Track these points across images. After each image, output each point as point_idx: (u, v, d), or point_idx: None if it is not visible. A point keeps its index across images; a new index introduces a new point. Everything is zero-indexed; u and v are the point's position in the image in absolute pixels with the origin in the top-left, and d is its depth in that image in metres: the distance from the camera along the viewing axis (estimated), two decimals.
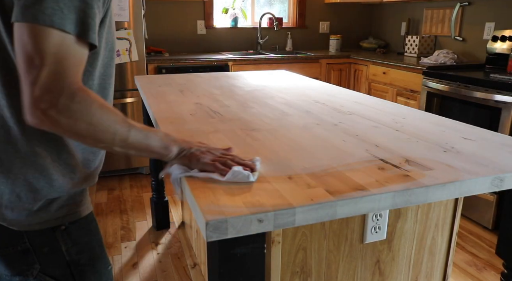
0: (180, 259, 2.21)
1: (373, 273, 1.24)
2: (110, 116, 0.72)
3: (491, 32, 3.11)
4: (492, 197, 2.44)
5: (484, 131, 1.20)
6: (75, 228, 0.84)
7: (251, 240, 0.73)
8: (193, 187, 0.79)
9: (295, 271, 1.13)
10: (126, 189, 3.09)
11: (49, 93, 0.65)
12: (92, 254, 0.89)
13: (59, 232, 0.82)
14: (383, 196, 0.77)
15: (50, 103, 0.65)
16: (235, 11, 4.11)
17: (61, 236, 0.83)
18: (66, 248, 0.83)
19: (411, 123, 1.29)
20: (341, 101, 1.63)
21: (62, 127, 0.68)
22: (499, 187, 0.88)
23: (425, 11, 3.76)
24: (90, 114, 0.69)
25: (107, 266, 0.94)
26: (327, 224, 1.13)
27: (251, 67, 3.55)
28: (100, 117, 0.70)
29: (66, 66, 0.67)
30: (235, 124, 1.26)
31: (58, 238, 0.82)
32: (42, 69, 0.65)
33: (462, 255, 2.24)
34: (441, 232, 1.30)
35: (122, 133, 0.74)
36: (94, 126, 0.70)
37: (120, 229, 2.51)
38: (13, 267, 0.81)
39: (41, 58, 0.65)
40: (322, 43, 4.44)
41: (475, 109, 2.54)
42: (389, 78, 3.40)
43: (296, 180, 0.82)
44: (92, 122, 0.70)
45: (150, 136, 0.78)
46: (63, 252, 0.83)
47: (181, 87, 1.91)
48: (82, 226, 0.86)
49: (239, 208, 0.70)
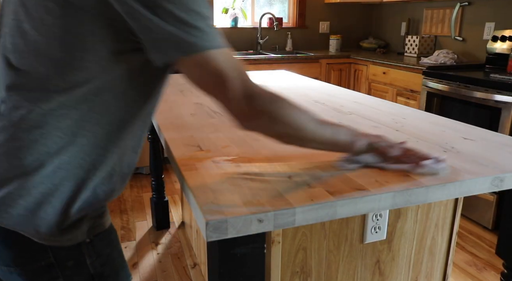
0: (180, 259, 2.21)
1: (373, 273, 1.24)
2: (303, 112, 0.79)
3: (491, 32, 3.11)
4: (492, 197, 2.44)
5: (484, 131, 1.20)
6: (99, 240, 0.82)
7: (251, 240, 0.73)
8: (193, 187, 0.79)
9: (295, 271, 1.13)
10: (126, 189, 3.09)
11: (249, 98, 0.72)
12: (115, 265, 0.87)
13: (85, 245, 0.80)
14: (383, 196, 0.77)
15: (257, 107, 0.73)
16: (235, 11, 4.11)
17: (87, 249, 0.80)
18: (90, 261, 0.81)
19: (411, 123, 1.29)
20: (341, 101, 1.63)
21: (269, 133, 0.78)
22: (499, 187, 0.88)
23: (425, 11, 3.76)
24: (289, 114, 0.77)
25: (128, 277, 0.92)
26: (327, 224, 1.13)
27: (251, 67, 3.55)
28: (298, 115, 0.78)
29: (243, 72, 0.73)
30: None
31: (84, 251, 0.80)
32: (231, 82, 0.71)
33: (462, 255, 2.24)
34: (441, 232, 1.30)
35: (317, 129, 0.82)
36: (297, 125, 0.78)
37: (120, 229, 2.51)
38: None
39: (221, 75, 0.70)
40: (322, 43, 4.44)
41: (475, 109, 2.54)
42: (389, 78, 3.41)
43: (296, 180, 0.82)
44: (294, 122, 0.77)
45: (338, 131, 0.86)
46: (88, 265, 0.81)
47: (181, 87, 1.91)
48: (105, 237, 0.84)
49: (239, 208, 0.70)
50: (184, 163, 0.92)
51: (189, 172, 0.87)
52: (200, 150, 1.01)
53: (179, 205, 2.84)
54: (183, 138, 1.11)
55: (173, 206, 2.82)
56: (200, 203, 0.72)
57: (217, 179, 0.83)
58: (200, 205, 0.71)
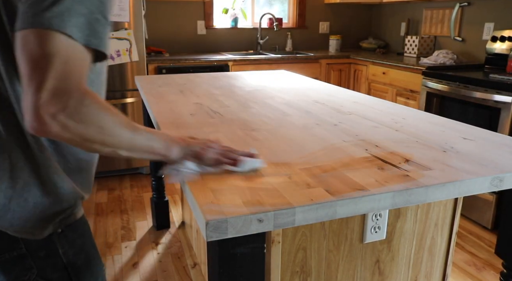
0: (180, 259, 2.21)
1: (373, 272, 1.24)
2: (116, 118, 0.71)
3: (491, 32, 3.12)
4: (491, 197, 2.45)
5: (484, 131, 1.21)
6: (71, 231, 0.84)
7: (251, 240, 0.74)
8: (193, 187, 0.79)
9: (295, 270, 1.13)
10: (127, 189, 3.09)
11: (58, 96, 0.63)
12: (88, 255, 0.88)
13: (56, 235, 0.81)
14: (383, 196, 0.77)
15: (60, 106, 0.63)
16: (235, 11, 4.12)
17: (58, 239, 0.82)
18: (63, 251, 0.83)
19: (410, 123, 1.29)
20: (341, 101, 1.63)
21: (71, 132, 0.65)
22: (499, 187, 0.88)
23: (425, 12, 3.76)
24: (99, 118, 0.67)
25: (102, 266, 0.94)
26: (327, 224, 1.13)
27: (251, 67, 3.55)
28: (108, 120, 0.69)
29: (73, 68, 0.65)
30: (235, 124, 1.26)
31: (55, 241, 0.82)
32: (48, 71, 0.62)
33: (462, 255, 2.25)
34: (440, 232, 1.30)
35: (128, 136, 0.73)
36: (103, 130, 0.68)
37: (120, 229, 2.52)
38: (9, 273, 0.80)
39: (47, 61, 0.62)
40: (322, 43, 4.44)
41: (474, 109, 2.54)
42: (388, 78, 3.41)
43: (296, 180, 0.83)
44: (101, 126, 0.68)
45: (153, 138, 0.78)
46: (61, 255, 0.83)
47: (181, 87, 1.92)
48: (77, 228, 0.86)
49: (239, 208, 0.70)
50: None
51: None
52: None
53: (179, 205, 2.84)
54: (179, 136, 1.11)
55: (173, 206, 2.82)
56: (200, 203, 0.72)
57: (217, 179, 0.83)
58: (200, 205, 0.72)
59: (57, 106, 0.62)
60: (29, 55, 0.63)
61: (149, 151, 0.78)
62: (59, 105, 0.63)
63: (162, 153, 0.80)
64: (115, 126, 0.71)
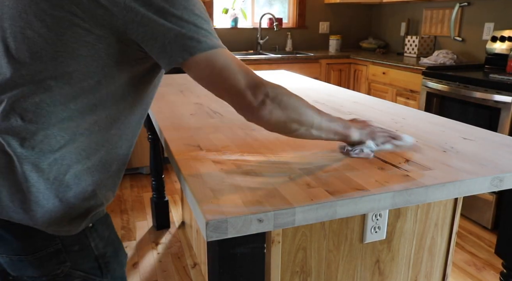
0: (180, 259, 2.21)
1: (373, 272, 1.24)
2: (303, 101, 0.83)
3: (491, 32, 3.12)
4: (491, 197, 2.45)
5: (484, 131, 1.21)
6: (100, 224, 0.88)
7: (251, 240, 0.74)
8: (193, 187, 0.79)
9: (295, 270, 1.13)
10: (126, 189, 3.09)
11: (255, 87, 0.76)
12: (114, 246, 0.92)
13: (88, 229, 0.85)
14: (383, 196, 0.77)
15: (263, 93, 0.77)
16: (235, 11, 4.12)
17: (90, 233, 0.85)
18: (94, 243, 0.86)
19: (410, 123, 1.29)
20: (341, 101, 1.64)
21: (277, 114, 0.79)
22: (499, 187, 0.88)
23: (425, 12, 3.76)
24: (291, 100, 0.81)
25: (125, 256, 0.98)
26: (327, 224, 1.13)
27: (251, 67, 3.53)
28: (299, 102, 0.82)
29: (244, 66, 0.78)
30: (235, 124, 1.26)
31: (88, 235, 0.85)
32: (236, 75, 0.76)
33: (462, 255, 2.25)
34: (440, 232, 1.30)
35: (316, 116, 0.86)
36: (299, 110, 0.82)
37: (120, 229, 2.52)
38: (43, 269, 0.82)
39: (228, 69, 0.75)
40: (322, 43, 4.44)
41: (474, 109, 2.54)
42: (388, 78, 3.41)
43: (296, 180, 0.83)
44: (296, 106, 0.81)
45: (334, 119, 0.91)
46: (92, 248, 0.86)
47: (181, 87, 1.92)
48: (104, 221, 0.90)
49: (239, 208, 0.70)
50: (184, 163, 0.92)
51: (189, 172, 0.87)
52: (200, 150, 1.02)
53: (179, 205, 2.84)
54: (183, 138, 1.12)
55: (173, 206, 2.82)
56: (200, 203, 0.72)
57: (217, 179, 0.83)
58: (200, 205, 0.72)
59: (262, 94, 0.77)
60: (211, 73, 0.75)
61: (333, 131, 0.90)
62: (262, 93, 0.77)
63: (344, 133, 0.92)
64: (306, 108, 0.84)
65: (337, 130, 0.91)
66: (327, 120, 0.89)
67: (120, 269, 0.94)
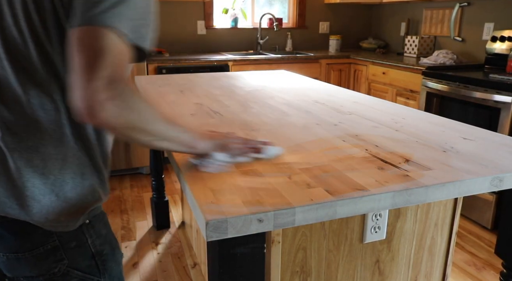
0: (180, 259, 2.21)
1: (373, 272, 1.24)
2: (154, 110, 0.77)
3: (490, 32, 3.12)
4: (491, 197, 2.45)
5: (484, 131, 1.21)
6: (96, 221, 0.88)
7: (251, 240, 0.74)
8: (193, 187, 0.79)
9: (295, 270, 1.14)
10: (127, 189, 3.09)
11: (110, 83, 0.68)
12: (111, 244, 0.93)
13: (85, 226, 0.85)
14: (383, 196, 0.78)
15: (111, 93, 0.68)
16: (235, 11, 4.12)
17: (87, 230, 0.86)
18: (91, 240, 0.87)
19: (410, 123, 1.29)
20: (341, 101, 1.64)
21: (117, 118, 0.70)
22: (498, 187, 0.88)
23: (425, 12, 3.76)
24: (141, 107, 0.73)
25: (122, 255, 0.98)
26: (327, 224, 1.13)
27: (251, 67, 3.55)
28: (148, 110, 0.75)
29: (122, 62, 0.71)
30: (235, 124, 1.26)
31: (85, 232, 0.85)
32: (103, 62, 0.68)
33: (462, 255, 2.25)
34: (440, 232, 1.30)
35: (164, 127, 0.80)
36: (145, 119, 0.75)
37: (120, 229, 2.52)
38: (40, 267, 0.82)
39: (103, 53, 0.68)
40: (322, 43, 4.44)
41: (474, 109, 2.54)
42: (388, 78, 3.41)
43: (296, 180, 0.83)
44: (143, 114, 0.74)
45: (183, 131, 0.85)
46: (89, 245, 0.86)
47: (181, 87, 1.92)
48: (100, 218, 0.90)
49: (239, 208, 0.71)
50: (184, 163, 0.92)
51: (189, 172, 0.87)
52: None
53: (179, 205, 2.84)
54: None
55: (173, 206, 2.82)
56: (200, 203, 0.72)
57: (217, 179, 0.83)
58: (200, 205, 0.72)
59: (109, 93, 0.68)
60: (87, 47, 0.68)
61: (180, 143, 0.85)
62: (111, 92, 0.68)
63: (190, 145, 0.86)
64: (155, 116, 0.77)
65: (183, 141, 0.85)
66: (177, 131, 0.83)
67: (117, 268, 0.94)
